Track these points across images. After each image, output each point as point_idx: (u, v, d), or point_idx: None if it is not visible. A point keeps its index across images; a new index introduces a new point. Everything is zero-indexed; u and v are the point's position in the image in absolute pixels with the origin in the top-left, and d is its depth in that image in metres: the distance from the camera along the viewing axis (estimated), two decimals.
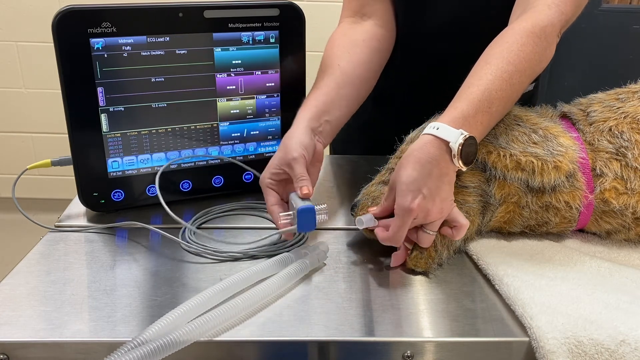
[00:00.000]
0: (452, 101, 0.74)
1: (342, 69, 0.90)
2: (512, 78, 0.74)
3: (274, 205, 0.78)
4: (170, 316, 0.59)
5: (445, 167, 0.70)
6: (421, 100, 0.90)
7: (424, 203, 0.69)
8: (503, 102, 0.74)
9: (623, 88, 0.86)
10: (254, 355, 0.63)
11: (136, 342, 0.56)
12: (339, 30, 0.97)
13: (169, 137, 0.88)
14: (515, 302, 0.66)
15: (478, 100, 0.72)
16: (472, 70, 0.76)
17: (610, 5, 2.39)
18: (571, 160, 0.77)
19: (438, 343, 0.63)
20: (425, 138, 0.71)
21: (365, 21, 0.98)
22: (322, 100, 0.85)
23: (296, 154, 0.77)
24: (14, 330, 0.62)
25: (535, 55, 0.76)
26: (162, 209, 0.90)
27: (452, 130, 0.70)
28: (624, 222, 0.79)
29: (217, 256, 0.77)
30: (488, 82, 0.73)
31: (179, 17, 0.83)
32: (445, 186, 0.71)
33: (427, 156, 0.69)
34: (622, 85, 0.87)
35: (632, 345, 0.60)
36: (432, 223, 0.71)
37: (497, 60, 0.74)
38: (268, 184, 0.79)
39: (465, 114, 0.71)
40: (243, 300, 0.64)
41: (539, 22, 0.77)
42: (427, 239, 0.72)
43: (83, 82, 0.81)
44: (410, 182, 0.69)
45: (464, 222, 0.73)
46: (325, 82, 0.88)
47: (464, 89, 0.74)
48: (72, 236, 0.82)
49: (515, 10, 0.84)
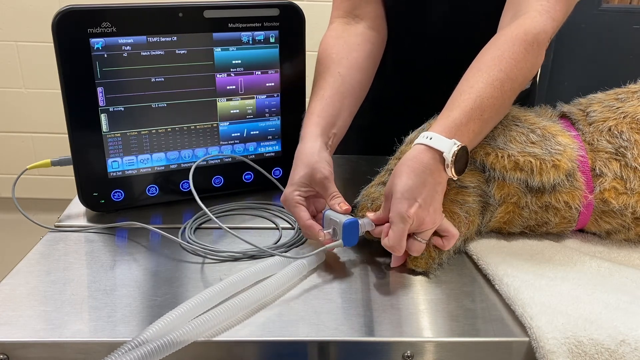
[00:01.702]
0: (445, 108, 0.75)
1: (343, 76, 0.89)
2: (503, 86, 0.74)
3: (309, 220, 0.76)
4: (169, 316, 0.59)
5: (439, 176, 0.71)
6: (419, 103, 0.90)
7: (420, 212, 0.69)
8: (495, 109, 0.75)
9: (623, 88, 0.86)
10: (254, 355, 0.63)
11: (136, 342, 0.56)
12: (333, 32, 0.96)
13: (169, 137, 0.88)
14: (515, 302, 0.66)
15: (470, 108, 0.72)
16: (464, 76, 0.77)
17: (610, 5, 2.39)
18: (570, 158, 0.77)
19: (438, 343, 0.63)
20: (418, 148, 0.71)
21: (358, 23, 0.97)
22: (329, 113, 0.85)
23: (327, 173, 0.77)
24: (14, 330, 0.62)
25: (527, 63, 0.76)
26: (162, 209, 0.90)
27: (445, 140, 0.70)
28: (624, 222, 0.79)
29: (217, 256, 0.77)
30: (480, 89, 0.73)
31: (179, 17, 0.83)
32: (438, 196, 0.71)
33: (422, 165, 0.70)
34: (622, 85, 0.87)
35: (632, 345, 0.60)
36: (424, 232, 0.71)
37: (489, 68, 0.75)
38: (298, 200, 0.78)
39: (457, 123, 0.72)
40: (241, 300, 0.64)
41: (531, 30, 0.77)
42: (418, 247, 0.72)
43: (83, 82, 0.81)
44: (405, 191, 0.69)
45: (454, 232, 0.73)
46: (329, 91, 0.87)
47: (456, 96, 0.74)
48: (72, 236, 0.82)
49: (505, 15, 0.84)
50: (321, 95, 0.87)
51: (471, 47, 0.80)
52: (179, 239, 0.80)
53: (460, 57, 0.80)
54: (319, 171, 0.77)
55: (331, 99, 0.86)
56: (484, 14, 0.91)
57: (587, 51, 2.40)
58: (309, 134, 0.82)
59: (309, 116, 0.85)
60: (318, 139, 0.81)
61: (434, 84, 0.93)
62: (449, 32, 1.00)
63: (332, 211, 0.76)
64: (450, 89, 0.76)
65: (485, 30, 0.83)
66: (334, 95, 0.87)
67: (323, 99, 0.86)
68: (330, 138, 0.84)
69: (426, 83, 1.04)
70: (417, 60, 1.05)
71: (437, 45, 1.01)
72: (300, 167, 0.78)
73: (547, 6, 0.79)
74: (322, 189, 0.77)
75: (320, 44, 0.95)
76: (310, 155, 0.79)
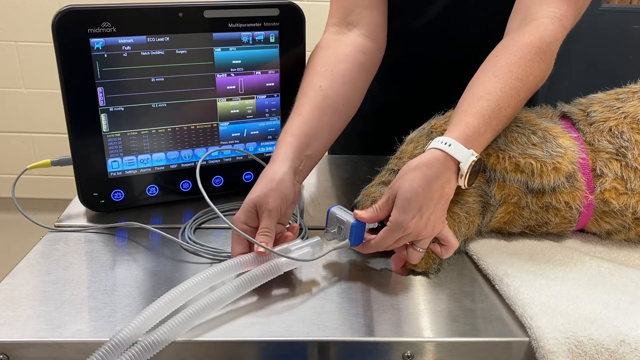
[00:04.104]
0: (461, 112, 0.72)
1: (325, 90, 0.82)
2: (519, 95, 0.73)
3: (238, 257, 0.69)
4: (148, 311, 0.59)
5: (449, 188, 0.69)
6: (420, 109, 0.88)
7: (420, 222, 0.67)
8: (509, 119, 0.74)
9: (623, 88, 0.86)
10: (254, 355, 0.63)
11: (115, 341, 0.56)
12: (323, 43, 0.90)
13: (169, 137, 0.88)
14: (515, 302, 0.66)
15: (489, 117, 0.71)
16: (478, 79, 0.74)
17: (610, 5, 2.39)
18: (570, 160, 0.77)
19: (438, 343, 0.63)
20: (434, 153, 0.69)
21: (351, 31, 0.90)
22: (304, 132, 0.79)
23: (272, 206, 0.71)
24: (14, 330, 0.62)
25: (540, 72, 0.75)
26: (162, 209, 0.90)
27: (464, 149, 0.68)
28: (624, 222, 0.79)
29: (217, 256, 0.77)
30: (498, 97, 0.71)
31: (179, 17, 0.83)
32: (442, 206, 0.70)
33: (435, 174, 0.67)
34: (622, 85, 0.87)
35: (632, 345, 0.60)
36: (422, 240, 0.70)
37: (506, 75, 0.73)
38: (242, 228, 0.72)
39: (476, 132, 0.70)
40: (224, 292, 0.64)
41: (545, 38, 0.75)
42: (417, 256, 0.72)
43: (83, 82, 0.81)
44: (413, 199, 0.67)
45: (454, 243, 0.72)
46: (306, 107, 0.81)
47: (473, 101, 0.72)
48: (72, 236, 0.82)
49: (513, 18, 0.82)
50: (299, 112, 0.81)
51: (474, 51, 0.80)
52: (179, 239, 0.80)
53: (464, 62, 0.80)
54: (267, 202, 0.71)
55: (308, 115, 0.80)
56: (487, 20, 0.91)
57: (587, 51, 2.40)
58: (279, 155, 0.77)
59: (283, 134, 0.79)
60: (286, 162, 0.75)
61: (436, 90, 0.92)
62: (451, 37, 0.99)
63: (338, 208, 0.74)
64: (453, 95, 0.75)
65: (489, 37, 0.82)
66: (312, 111, 0.80)
67: (300, 115, 0.80)
68: (302, 161, 0.78)
69: (428, 89, 1.03)
70: (420, 65, 1.04)
71: (440, 50, 1.00)
72: (256, 189, 0.73)
73: (559, 13, 0.78)
74: (261, 219, 0.72)
75: (309, 56, 0.90)
76: (271, 180, 0.73)
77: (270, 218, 0.71)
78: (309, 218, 0.88)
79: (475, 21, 0.96)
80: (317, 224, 0.85)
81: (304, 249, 0.72)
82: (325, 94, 0.82)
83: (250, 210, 0.72)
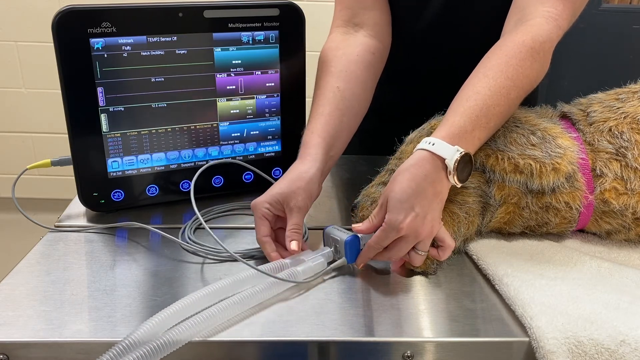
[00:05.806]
0: (448, 113, 0.73)
1: (342, 91, 0.85)
2: (510, 94, 0.73)
3: (266, 237, 0.74)
4: (162, 314, 0.59)
5: (440, 185, 0.69)
6: (421, 109, 0.88)
7: (415, 222, 0.67)
8: (500, 117, 0.74)
9: (623, 88, 0.86)
10: (254, 355, 0.63)
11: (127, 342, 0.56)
12: (332, 43, 0.92)
13: (169, 137, 0.88)
14: (515, 302, 0.66)
15: (476, 116, 0.71)
16: (469, 81, 0.75)
17: (610, 5, 2.39)
18: (570, 161, 0.77)
19: (438, 343, 0.63)
20: (420, 154, 0.70)
21: (358, 32, 0.93)
22: (329, 133, 0.82)
23: (302, 204, 0.74)
24: (14, 330, 0.62)
25: (533, 71, 0.75)
26: (162, 209, 0.90)
27: (448, 146, 0.69)
28: (624, 222, 0.79)
29: (217, 256, 0.77)
30: (486, 97, 0.72)
31: (179, 17, 0.83)
32: (436, 205, 0.70)
33: (423, 173, 0.68)
34: (622, 85, 0.87)
35: (632, 345, 0.60)
36: (422, 242, 0.70)
37: (495, 74, 0.73)
38: (264, 213, 0.75)
39: (462, 130, 0.70)
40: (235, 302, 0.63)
41: (538, 38, 0.76)
42: (419, 259, 0.71)
43: (83, 82, 0.81)
44: (404, 200, 0.67)
45: (450, 243, 0.72)
46: (327, 108, 0.84)
47: (462, 101, 0.73)
48: (72, 236, 0.82)
49: (509, 19, 0.83)
50: (320, 112, 0.84)
51: (473, 53, 0.80)
52: (179, 239, 0.80)
53: (462, 63, 0.80)
54: (296, 199, 0.74)
55: (330, 116, 0.83)
56: (485, 21, 0.91)
57: (587, 51, 2.40)
58: (310, 155, 0.79)
59: (309, 134, 0.82)
60: (316, 163, 0.78)
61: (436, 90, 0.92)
62: (450, 39, 0.99)
63: (332, 228, 0.75)
64: (452, 96, 0.75)
65: (487, 37, 0.82)
66: (332, 112, 0.84)
67: (322, 116, 0.83)
68: (327, 162, 0.81)
69: (428, 90, 1.03)
70: (419, 67, 1.04)
71: (439, 52, 1.00)
72: (284, 184, 0.75)
73: (555, 13, 0.78)
74: (290, 216, 0.74)
75: (319, 55, 0.92)
76: (301, 179, 0.76)
77: (300, 215, 0.74)
78: (309, 218, 0.88)
79: (474, 22, 0.96)
80: (317, 224, 0.86)
81: (318, 259, 0.72)
82: (343, 95, 0.85)
83: (277, 200, 0.75)
